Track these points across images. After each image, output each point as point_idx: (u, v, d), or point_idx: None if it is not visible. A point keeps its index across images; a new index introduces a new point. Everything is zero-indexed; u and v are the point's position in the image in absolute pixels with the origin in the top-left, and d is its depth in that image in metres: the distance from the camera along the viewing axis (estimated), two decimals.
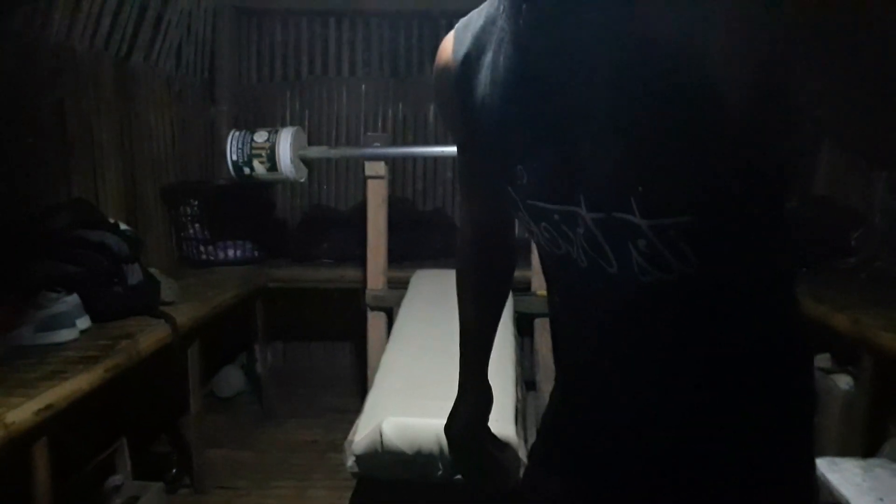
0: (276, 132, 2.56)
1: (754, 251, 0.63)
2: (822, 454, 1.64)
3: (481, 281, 0.95)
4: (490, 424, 0.98)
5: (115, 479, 2.09)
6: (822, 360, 2.20)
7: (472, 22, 0.74)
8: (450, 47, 0.76)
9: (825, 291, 2.15)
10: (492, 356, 0.98)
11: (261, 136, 2.54)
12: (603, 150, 0.59)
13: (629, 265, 0.61)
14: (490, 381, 0.98)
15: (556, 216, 0.65)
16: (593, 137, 0.59)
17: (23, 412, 1.31)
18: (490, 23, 0.70)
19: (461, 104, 0.73)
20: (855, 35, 0.45)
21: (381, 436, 1.29)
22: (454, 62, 0.74)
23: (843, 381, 2.06)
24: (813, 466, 0.72)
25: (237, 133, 2.59)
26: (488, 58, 0.69)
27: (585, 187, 0.61)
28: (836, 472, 1.52)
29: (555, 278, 0.76)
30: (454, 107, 0.75)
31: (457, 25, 0.76)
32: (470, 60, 0.72)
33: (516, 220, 0.76)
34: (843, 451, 1.77)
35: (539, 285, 2.44)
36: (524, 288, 2.53)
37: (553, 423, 0.87)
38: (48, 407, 1.37)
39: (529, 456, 0.92)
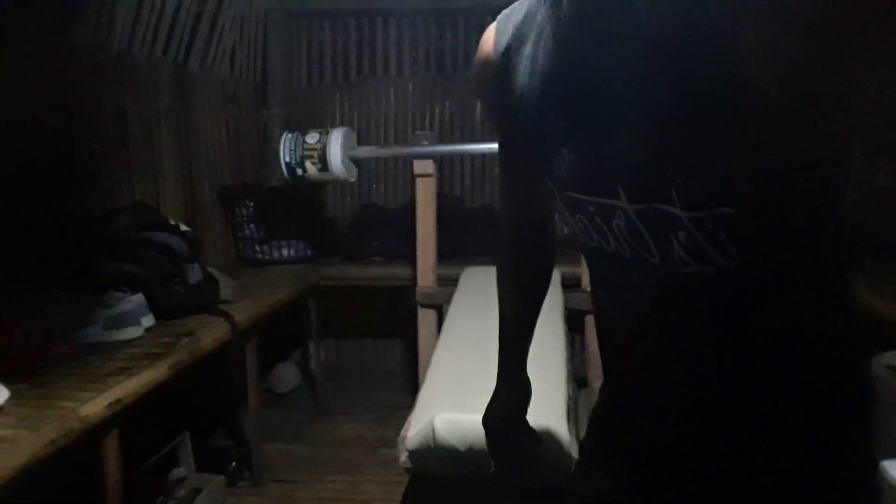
0: (327, 133, 2.60)
1: (799, 246, 0.61)
2: (893, 456, 1.57)
3: (521, 274, 0.95)
4: (542, 421, 0.98)
5: (179, 472, 2.17)
6: (891, 357, 2.10)
7: (513, 14, 0.74)
8: (491, 39, 0.76)
9: (892, 285, 2.06)
10: (543, 353, 0.98)
11: (312, 138, 2.59)
12: (643, 142, 0.58)
13: (671, 256, 0.61)
14: (541, 378, 0.98)
15: (591, 208, 0.65)
16: (633, 129, 0.59)
17: (95, 406, 1.38)
18: (531, 15, 0.71)
19: (502, 95, 0.74)
20: (888, 35, 0.44)
21: (433, 432, 1.30)
22: (495, 54, 0.75)
23: None
24: (872, 467, 0.69)
25: (289, 135, 2.65)
26: (528, 49, 0.70)
27: (625, 179, 0.61)
28: None
29: (594, 270, 0.76)
30: (495, 98, 0.76)
31: (499, 17, 0.77)
32: (511, 52, 0.72)
33: (555, 214, 0.76)
34: None
35: (589, 282, 2.42)
36: (575, 284, 2.51)
37: (601, 419, 0.87)
38: (118, 401, 1.44)
39: (580, 451, 0.92)
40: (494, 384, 1.00)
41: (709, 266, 0.59)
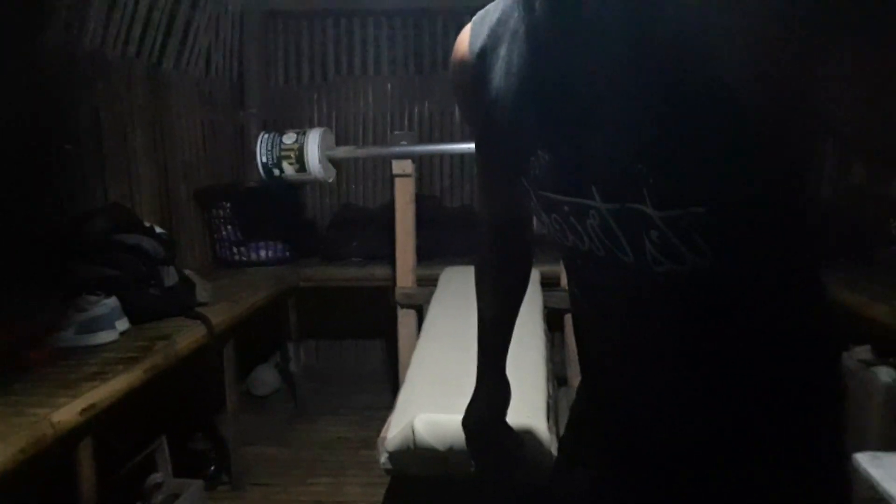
0: (305, 133, 2.58)
1: (771, 244, 0.62)
2: (865, 448, 1.60)
3: (500, 275, 0.96)
4: (522, 420, 0.98)
5: (156, 477, 2.14)
6: (863, 351, 2.14)
7: (488, 15, 0.75)
8: (466, 40, 0.76)
9: (864, 281, 2.10)
10: (522, 352, 0.98)
11: (289, 138, 2.57)
12: (615, 142, 0.59)
13: (644, 256, 0.61)
14: (521, 377, 0.98)
15: (565, 207, 0.66)
16: (606, 129, 0.59)
17: (68, 412, 1.35)
18: (506, 15, 0.71)
19: (477, 96, 0.74)
20: (871, 36, 0.44)
21: (412, 432, 1.30)
22: (471, 55, 0.75)
23: (885, 374, 2.01)
24: (845, 459, 0.71)
25: (266, 135, 2.63)
26: (503, 50, 0.70)
27: (598, 179, 0.61)
28: (879, 466, 1.48)
29: (569, 269, 0.76)
30: (471, 99, 0.76)
31: (474, 18, 0.77)
32: (486, 53, 0.72)
33: (532, 214, 0.77)
34: (886, 446, 1.73)
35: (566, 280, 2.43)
36: (554, 283, 2.52)
37: (579, 417, 0.88)
38: (91, 407, 1.41)
39: (559, 448, 0.93)
40: (474, 385, 1.00)
41: (682, 265, 0.60)
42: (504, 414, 0.98)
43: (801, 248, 0.65)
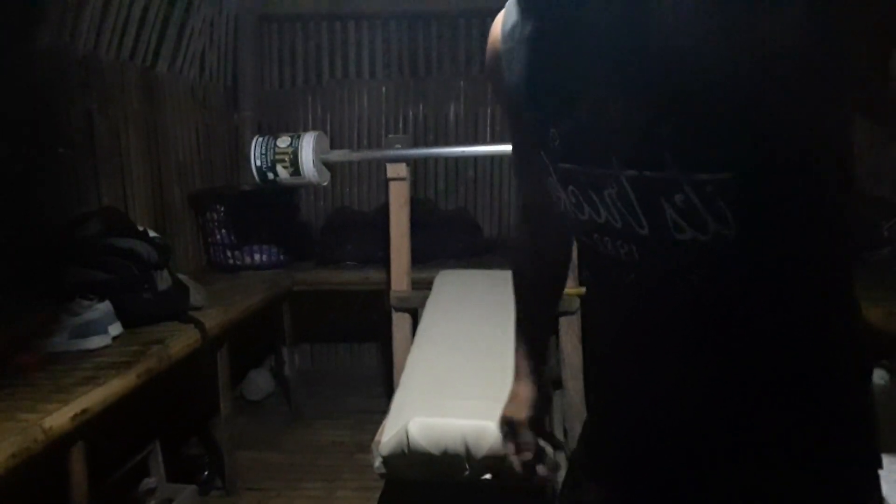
0: (299, 137, 2.58)
1: (800, 225, 0.60)
2: None
3: (538, 270, 0.94)
4: None
5: (150, 482, 2.13)
6: None
7: None
8: (499, 23, 0.77)
9: (855, 284, 2.10)
10: None
11: (284, 142, 2.57)
12: (635, 106, 0.58)
13: (663, 224, 0.60)
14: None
15: (583, 178, 0.65)
16: (627, 94, 0.59)
17: (60, 417, 1.34)
18: None
19: (506, 76, 0.74)
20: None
21: (407, 436, 1.29)
22: (502, 34, 0.75)
23: (878, 376, 2.01)
24: (874, 466, 0.67)
25: (260, 139, 2.62)
26: (530, 26, 0.70)
27: (618, 145, 0.60)
28: None
29: (584, 249, 0.74)
30: (501, 81, 0.76)
31: (508, 1, 0.77)
32: (515, 30, 0.73)
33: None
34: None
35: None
36: None
37: (591, 430, 0.86)
38: (84, 412, 1.41)
39: (569, 464, 0.92)
40: (469, 387, 0.99)
41: (704, 234, 0.58)
42: (544, 414, 0.96)
43: (831, 235, 0.63)
